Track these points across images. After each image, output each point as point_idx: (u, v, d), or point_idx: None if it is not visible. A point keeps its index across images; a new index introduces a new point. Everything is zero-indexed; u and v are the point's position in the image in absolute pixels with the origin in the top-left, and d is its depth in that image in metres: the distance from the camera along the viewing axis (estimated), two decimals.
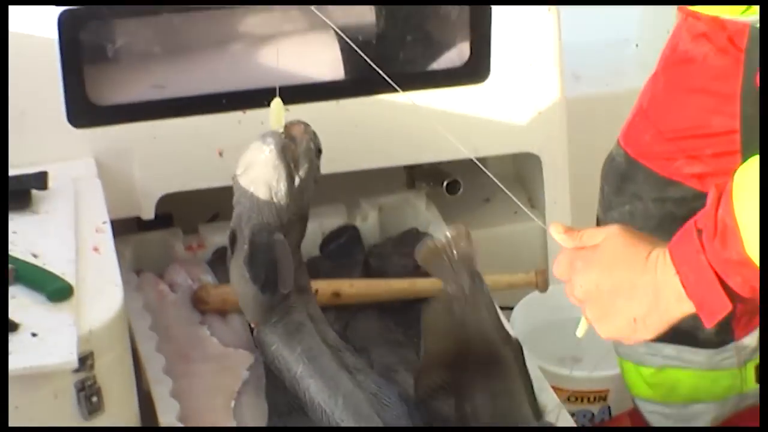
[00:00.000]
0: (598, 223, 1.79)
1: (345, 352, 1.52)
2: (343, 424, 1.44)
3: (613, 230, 1.25)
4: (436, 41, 2.05)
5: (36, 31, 1.78)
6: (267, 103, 1.54)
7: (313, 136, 1.53)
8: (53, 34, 1.78)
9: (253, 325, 1.57)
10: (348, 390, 1.46)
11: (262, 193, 1.49)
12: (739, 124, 1.53)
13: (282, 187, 1.49)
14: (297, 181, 1.50)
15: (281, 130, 1.51)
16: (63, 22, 1.77)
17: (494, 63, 1.97)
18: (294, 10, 1.96)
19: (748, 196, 1.04)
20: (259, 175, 1.48)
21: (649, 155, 1.54)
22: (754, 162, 1.06)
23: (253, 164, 1.49)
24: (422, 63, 2.04)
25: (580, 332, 1.35)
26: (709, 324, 1.13)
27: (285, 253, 1.50)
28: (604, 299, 1.20)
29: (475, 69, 1.98)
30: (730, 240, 1.06)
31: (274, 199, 1.49)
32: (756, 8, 1.37)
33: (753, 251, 1.04)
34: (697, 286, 1.12)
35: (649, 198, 1.64)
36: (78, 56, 1.82)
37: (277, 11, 1.90)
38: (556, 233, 1.26)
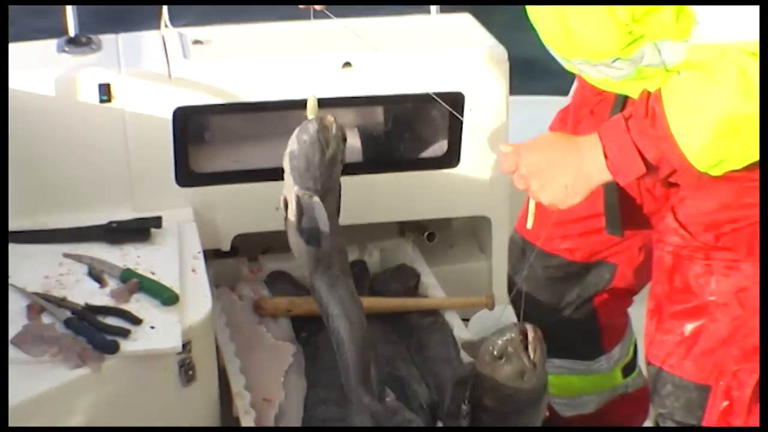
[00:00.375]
0: (510, 281, 1.75)
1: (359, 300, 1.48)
2: (350, 361, 1.39)
3: (546, 132, 1.25)
4: (425, 138, 2.04)
5: (157, 118, 1.78)
6: None
7: (341, 127, 1.46)
8: (169, 123, 1.78)
9: (307, 274, 1.47)
10: (361, 335, 1.41)
11: (303, 164, 1.42)
12: (603, 209, 1.49)
13: (316, 159, 1.41)
14: (328, 155, 1.42)
15: (316, 118, 1.45)
16: (176, 115, 1.77)
17: (463, 154, 1.96)
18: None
19: (672, 95, 1.09)
20: (302, 149, 1.42)
21: (535, 236, 1.50)
22: (675, 78, 1.13)
23: (297, 142, 1.43)
24: (415, 152, 2.04)
25: (529, 224, 1.32)
26: (624, 182, 1.14)
27: (321, 213, 1.42)
28: (543, 173, 1.18)
29: (450, 158, 1.97)
30: (658, 120, 1.09)
31: (311, 169, 1.41)
32: (628, 54, 1.25)
33: (675, 128, 1.07)
34: (619, 156, 1.12)
35: (539, 265, 1.58)
36: (185, 139, 1.81)
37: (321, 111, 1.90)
38: (504, 147, 1.23)
